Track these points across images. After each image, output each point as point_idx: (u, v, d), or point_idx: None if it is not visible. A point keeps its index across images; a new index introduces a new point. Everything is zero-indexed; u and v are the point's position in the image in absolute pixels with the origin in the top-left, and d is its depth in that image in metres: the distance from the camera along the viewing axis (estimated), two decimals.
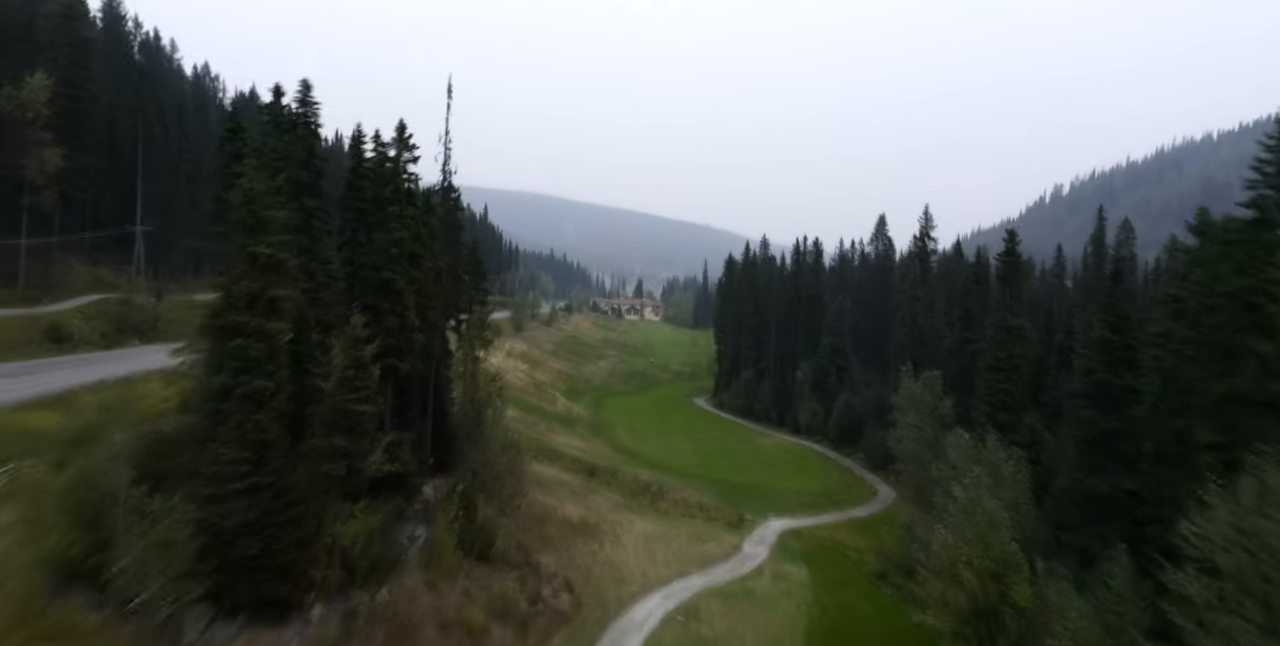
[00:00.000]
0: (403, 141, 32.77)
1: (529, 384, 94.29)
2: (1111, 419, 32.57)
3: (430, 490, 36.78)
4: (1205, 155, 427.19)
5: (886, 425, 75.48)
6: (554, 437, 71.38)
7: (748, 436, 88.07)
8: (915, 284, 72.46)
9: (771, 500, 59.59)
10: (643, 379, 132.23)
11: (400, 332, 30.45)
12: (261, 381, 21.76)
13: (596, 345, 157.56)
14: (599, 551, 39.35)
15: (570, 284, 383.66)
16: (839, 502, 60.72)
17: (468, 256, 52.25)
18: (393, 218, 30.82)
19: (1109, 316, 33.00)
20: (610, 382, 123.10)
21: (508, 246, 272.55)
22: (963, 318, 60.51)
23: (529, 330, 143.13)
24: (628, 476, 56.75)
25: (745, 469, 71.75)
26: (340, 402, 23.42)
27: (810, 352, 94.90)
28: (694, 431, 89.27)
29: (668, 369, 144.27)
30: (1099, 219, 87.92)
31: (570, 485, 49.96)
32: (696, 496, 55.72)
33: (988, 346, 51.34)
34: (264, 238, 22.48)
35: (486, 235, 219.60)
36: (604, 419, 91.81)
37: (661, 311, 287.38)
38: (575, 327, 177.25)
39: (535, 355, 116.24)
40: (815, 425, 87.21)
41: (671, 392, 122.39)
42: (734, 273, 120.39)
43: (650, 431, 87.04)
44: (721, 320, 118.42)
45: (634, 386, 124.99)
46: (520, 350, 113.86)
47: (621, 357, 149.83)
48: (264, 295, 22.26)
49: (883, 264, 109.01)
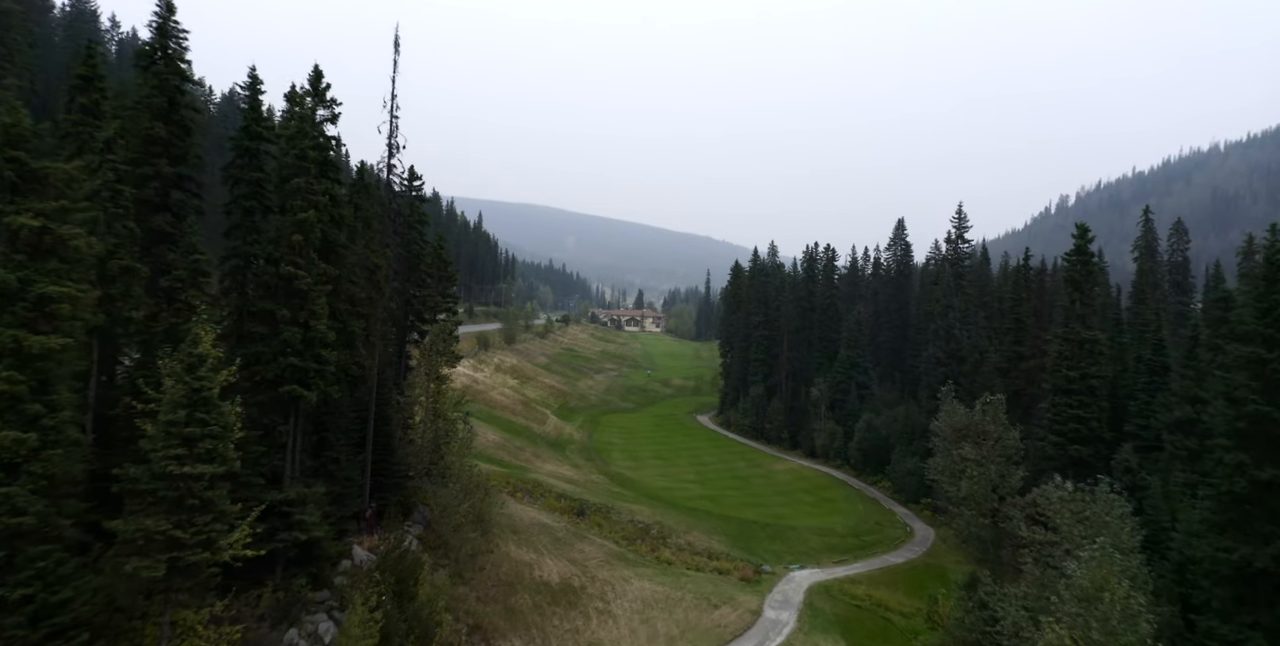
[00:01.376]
0: (318, 93, 24.44)
1: (517, 402, 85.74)
2: (1271, 465, 24.09)
3: (363, 553, 28.22)
4: (1214, 165, 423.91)
5: (917, 452, 67.00)
6: (540, 466, 62.75)
7: (758, 460, 79.32)
8: (949, 292, 64.06)
9: (792, 542, 50.89)
10: (642, 395, 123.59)
11: (304, 349, 22.03)
12: (15, 432, 13.36)
13: (594, 358, 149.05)
14: (583, 629, 30.65)
15: (570, 295, 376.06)
16: (870, 545, 51.97)
17: (431, 255, 43.98)
18: (297, 193, 22.42)
19: (1267, 327, 24.52)
20: (607, 399, 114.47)
21: (504, 256, 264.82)
22: (1013, 330, 52.03)
23: (522, 342, 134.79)
24: (623, 516, 48.09)
25: (758, 501, 63.06)
26: (161, 464, 14.96)
27: (826, 367, 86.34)
28: (698, 455, 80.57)
29: (669, 383, 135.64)
30: (1145, 221, 79.57)
31: (553, 531, 41.30)
32: (704, 540, 47.06)
33: (1052, 364, 42.84)
34: (31, 202, 14.11)
35: (481, 244, 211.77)
36: (599, 441, 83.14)
37: (663, 323, 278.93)
38: (572, 340, 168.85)
39: (526, 369, 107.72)
40: (833, 448, 78.50)
41: (673, 409, 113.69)
42: (740, 281, 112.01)
43: (650, 455, 78.38)
44: (727, 332, 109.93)
45: (633, 402, 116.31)
46: (510, 364, 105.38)
47: (620, 371, 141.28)
48: (26, 294, 13.88)
49: (901, 271, 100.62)
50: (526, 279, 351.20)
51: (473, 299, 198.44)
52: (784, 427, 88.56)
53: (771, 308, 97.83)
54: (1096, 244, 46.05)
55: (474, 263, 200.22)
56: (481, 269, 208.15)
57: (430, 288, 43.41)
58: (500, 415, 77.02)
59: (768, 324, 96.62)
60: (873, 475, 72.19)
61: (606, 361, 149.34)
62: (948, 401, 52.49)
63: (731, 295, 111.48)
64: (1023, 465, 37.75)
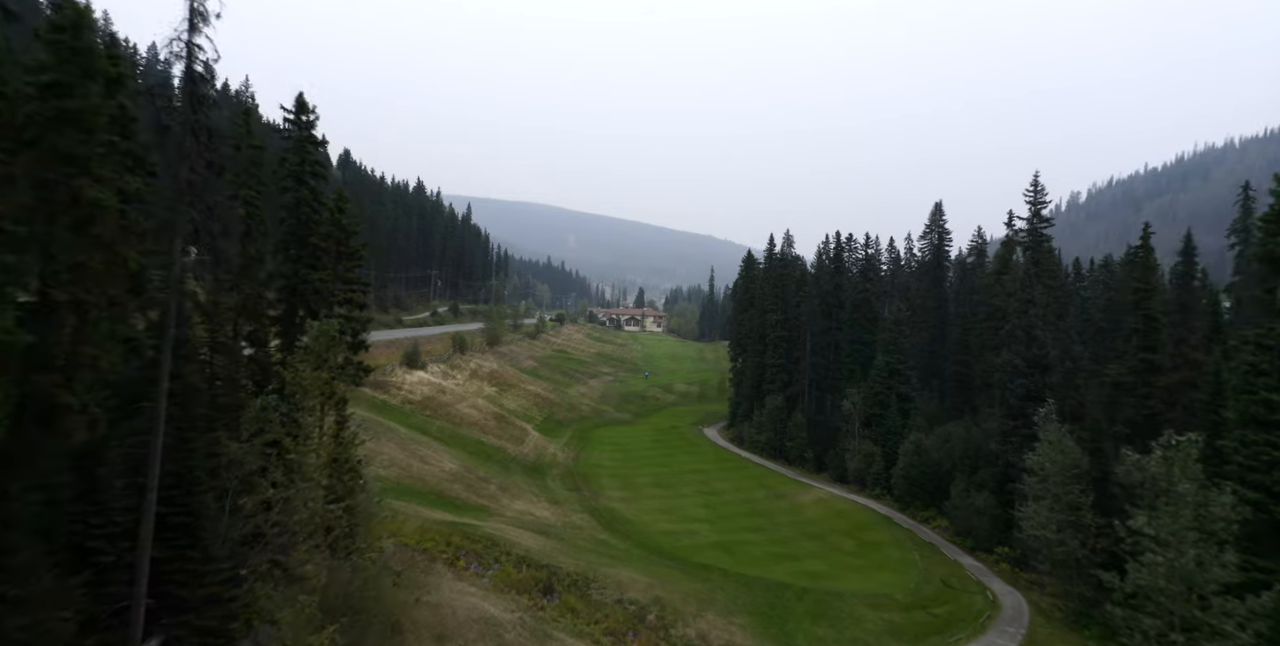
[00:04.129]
0: None
1: (490, 415, 72.08)
2: None
3: None
4: (1232, 160, 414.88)
5: (986, 484, 53.07)
6: (507, 504, 49.16)
7: (780, 488, 65.69)
8: (1027, 283, 50.27)
9: (839, 620, 37.24)
10: (641, 403, 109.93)
11: None
12: None
13: (588, 361, 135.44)
14: None
15: (568, 294, 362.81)
16: (946, 624, 38.27)
17: (328, 224, 30.35)
18: None
19: None
20: (601, 408, 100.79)
21: (496, 252, 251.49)
22: (1141, 331, 38.35)
23: (509, 344, 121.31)
24: (609, 591, 34.38)
25: (786, 548, 49.45)
26: None
27: (858, 375, 72.71)
28: (707, 480, 66.95)
29: (671, 389, 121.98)
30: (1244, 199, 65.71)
31: (501, 632, 27.67)
32: (722, 628, 33.42)
33: (1240, 381, 29.14)
34: None
35: (469, 238, 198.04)
36: (586, 463, 69.43)
37: (664, 323, 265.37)
38: (566, 340, 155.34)
39: (508, 375, 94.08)
40: (870, 474, 64.86)
41: (675, 420, 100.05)
42: (753, 275, 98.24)
43: (648, 481, 64.74)
44: (738, 333, 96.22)
45: (630, 412, 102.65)
46: (489, 369, 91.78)
47: (617, 376, 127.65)
48: None
49: (938, 263, 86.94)
50: (523, 277, 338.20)
51: (459, 296, 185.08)
52: (807, 446, 74.96)
53: (791, 305, 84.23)
54: (1108, 242, 34.33)
55: (461, 257, 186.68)
56: (470, 265, 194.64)
57: (328, 269, 29.82)
58: (467, 434, 63.44)
59: (787, 323, 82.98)
60: (923, 509, 58.57)
61: (602, 364, 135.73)
62: (1049, 429, 38.90)
63: (742, 291, 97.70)
64: (1230, 547, 24.11)
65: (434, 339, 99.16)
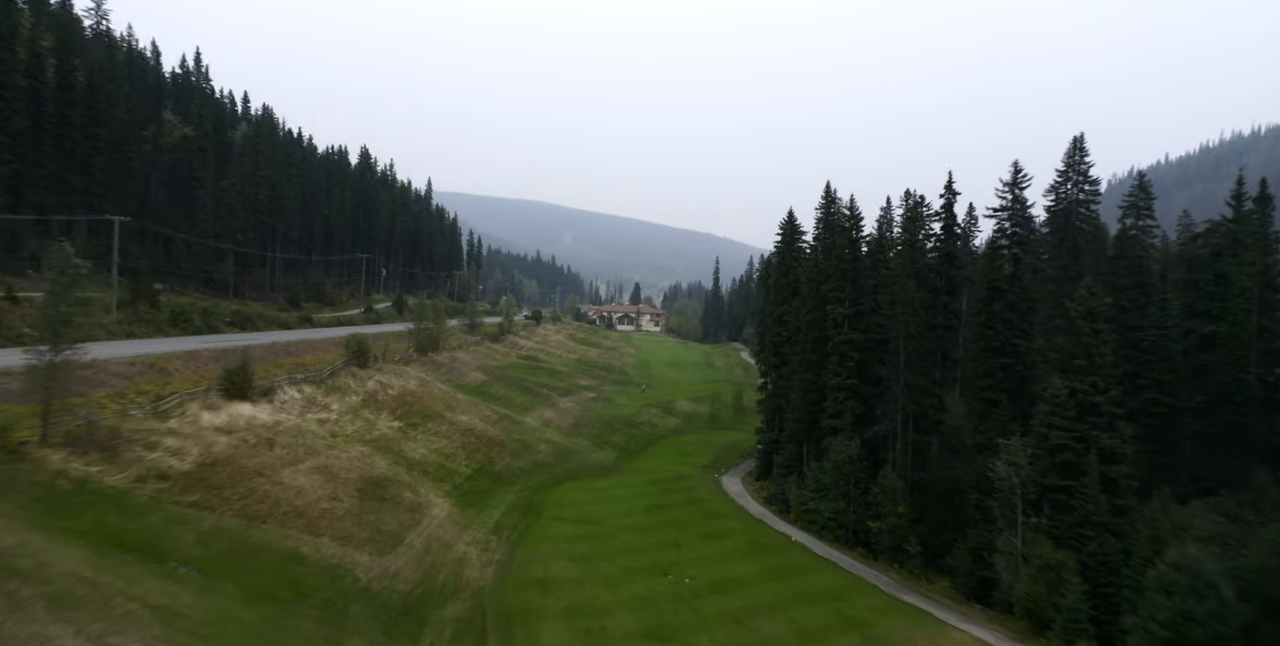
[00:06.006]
0: None
1: (350, 486, 40.17)
2: None
3: None
4: (1264, 148, 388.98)
5: None
6: None
7: (883, 627, 34.35)
8: None
9: None
10: (631, 431, 78.68)
11: None
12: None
13: (564, 370, 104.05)
14: None
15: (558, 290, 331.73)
16: None
17: None
18: None
19: None
20: (571, 445, 69.36)
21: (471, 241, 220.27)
22: None
23: (458, 349, 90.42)
24: None
25: None
26: None
27: (1002, 410, 41.51)
28: (748, 610, 35.55)
29: (672, 408, 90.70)
30: None
31: None
32: None
33: None
34: None
35: (428, 220, 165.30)
36: (521, 580, 37.27)
37: (663, 321, 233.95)
38: (540, 343, 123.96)
39: (430, 400, 62.63)
40: (1066, 611, 33.42)
41: (680, 460, 68.95)
42: (793, 246, 66.41)
43: (634, 625, 33.25)
44: (772, 335, 64.65)
45: (614, 450, 71.36)
46: (399, 392, 60.44)
47: (601, 391, 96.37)
48: None
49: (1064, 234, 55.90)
50: (508, 272, 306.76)
51: (418, 288, 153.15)
52: (909, 531, 43.81)
53: (865, 290, 53.07)
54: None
55: (418, 243, 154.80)
56: (430, 252, 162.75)
57: None
58: (272, 539, 31.87)
59: (861, 319, 51.80)
60: None
61: (582, 375, 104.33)
62: None
63: (780, 273, 65.72)
64: None
65: (324, 345, 67.82)
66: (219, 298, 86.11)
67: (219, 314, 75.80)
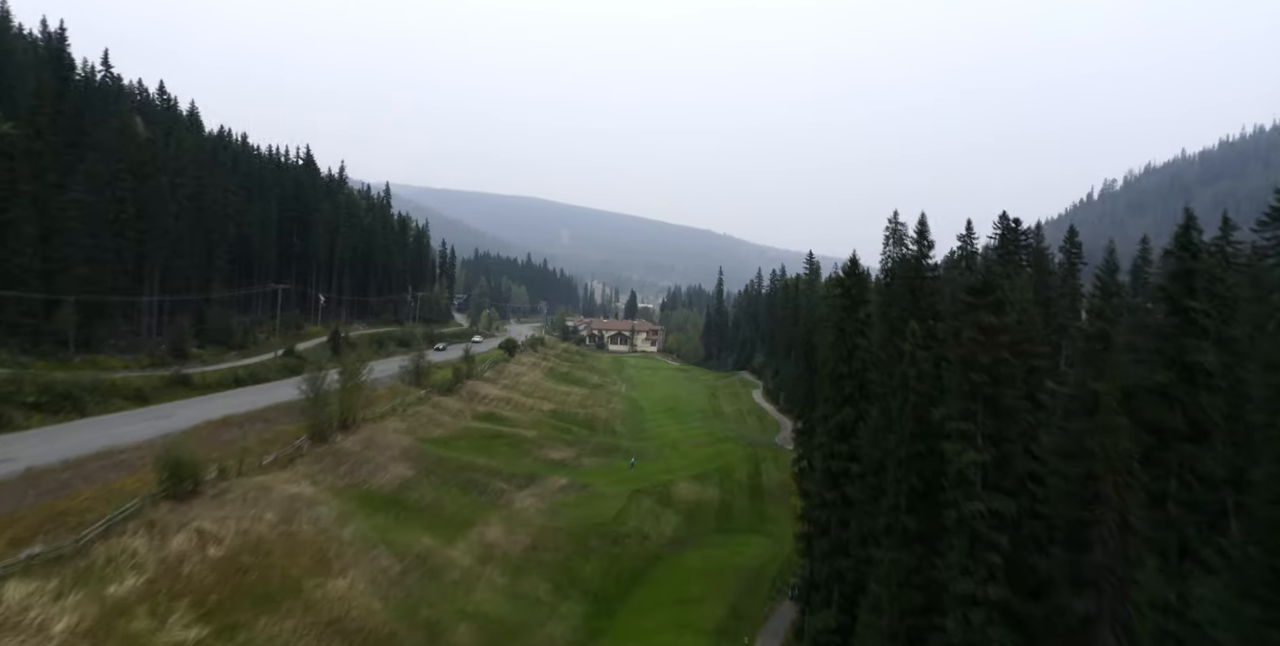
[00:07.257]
0: None
1: None
2: None
3: None
4: None
5: None
6: None
7: None
8: None
9: None
10: (610, 553, 55.33)
11: None
12: None
13: (530, 437, 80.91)
14: None
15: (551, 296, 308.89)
16: None
17: None
18: None
19: None
20: (512, 611, 45.90)
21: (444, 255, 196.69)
22: None
23: (383, 416, 67.97)
24: None
25: None
26: None
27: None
28: None
29: (669, 498, 67.52)
30: None
31: None
32: None
33: None
34: None
35: (388, 234, 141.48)
36: None
37: (659, 339, 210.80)
38: (509, 387, 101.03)
39: (287, 561, 39.24)
40: None
41: (680, 628, 45.63)
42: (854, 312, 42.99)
43: None
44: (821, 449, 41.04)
45: (582, 597, 48.18)
46: (229, 550, 37.22)
47: (576, 468, 73.47)
48: None
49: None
50: (494, 279, 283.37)
51: (366, 316, 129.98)
52: None
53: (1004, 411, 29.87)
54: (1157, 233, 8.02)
55: (371, 260, 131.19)
56: (388, 270, 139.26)
57: None
58: None
59: (1009, 469, 28.67)
60: None
61: (553, 441, 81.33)
62: None
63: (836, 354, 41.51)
64: None
65: (136, 458, 45.16)
66: (50, 359, 63.26)
67: (19, 393, 53.06)
